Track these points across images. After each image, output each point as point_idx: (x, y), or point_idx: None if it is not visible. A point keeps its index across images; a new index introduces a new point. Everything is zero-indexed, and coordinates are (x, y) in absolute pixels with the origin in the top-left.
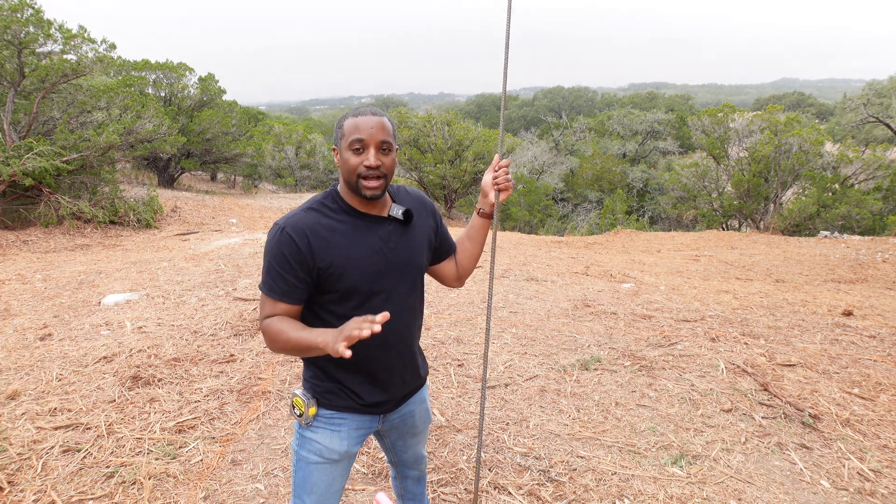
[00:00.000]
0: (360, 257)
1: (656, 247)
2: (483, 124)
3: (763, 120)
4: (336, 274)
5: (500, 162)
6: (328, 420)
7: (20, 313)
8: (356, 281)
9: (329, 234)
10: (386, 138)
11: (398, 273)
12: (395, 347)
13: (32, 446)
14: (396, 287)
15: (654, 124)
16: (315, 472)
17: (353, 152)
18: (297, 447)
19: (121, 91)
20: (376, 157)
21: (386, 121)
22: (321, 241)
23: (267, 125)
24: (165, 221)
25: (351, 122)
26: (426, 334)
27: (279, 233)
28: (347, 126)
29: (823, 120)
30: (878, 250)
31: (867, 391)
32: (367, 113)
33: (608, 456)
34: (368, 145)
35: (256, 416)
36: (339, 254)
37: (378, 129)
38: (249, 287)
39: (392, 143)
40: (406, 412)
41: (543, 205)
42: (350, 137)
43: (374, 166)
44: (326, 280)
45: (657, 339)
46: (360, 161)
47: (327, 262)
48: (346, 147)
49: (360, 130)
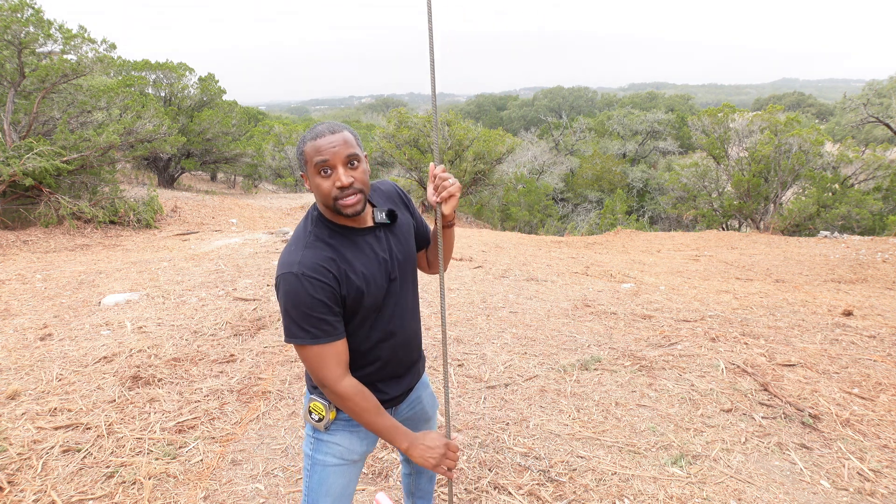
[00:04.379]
0: (372, 272)
1: (656, 247)
2: (483, 124)
3: (763, 120)
4: (359, 296)
5: (433, 171)
6: (347, 421)
7: (20, 313)
8: (376, 296)
9: (340, 261)
10: (351, 152)
11: (402, 273)
12: (412, 341)
13: (32, 446)
14: (403, 287)
15: (654, 124)
16: (332, 474)
17: (321, 177)
18: (312, 451)
19: (121, 91)
20: (347, 175)
21: (347, 133)
22: (339, 271)
23: (267, 125)
24: (165, 221)
25: (311, 145)
26: (426, 334)
27: (299, 279)
28: (309, 150)
29: (823, 120)
30: (878, 250)
31: (867, 391)
32: (326, 132)
33: (608, 456)
34: (335, 165)
35: (256, 416)
36: (357, 276)
37: (341, 146)
38: (249, 287)
39: (359, 153)
40: (414, 399)
41: (543, 205)
42: (314, 161)
43: (347, 185)
44: (351, 305)
45: (657, 339)
46: (331, 183)
47: (352, 288)
48: (314, 172)
49: (322, 152)
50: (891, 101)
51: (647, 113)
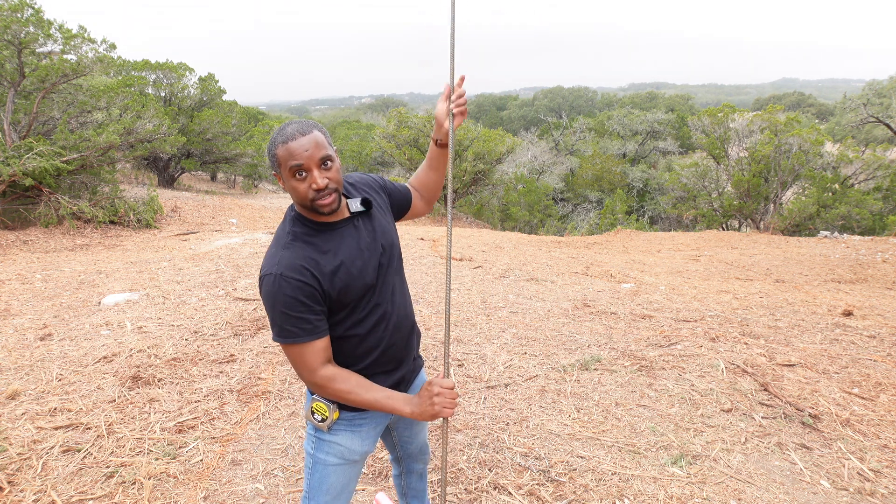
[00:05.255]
0: (355, 264)
1: (656, 247)
2: (483, 124)
3: (763, 120)
4: (345, 290)
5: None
6: (349, 422)
7: (20, 313)
8: (362, 286)
9: (321, 258)
10: (324, 153)
11: (387, 259)
12: (404, 324)
13: (32, 446)
14: (387, 272)
15: (654, 124)
16: (333, 473)
17: (296, 180)
18: (314, 450)
19: (121, 91)
20: (322, 176)
21: (317, 134)
22: (319, 269)
23: (267, 125)
24: (165, 221)
25: (283, 149)
26: (426, 334)
27: (277, 281)
28: (281, 154)
29: (823, 120)
30: (878, 250)
31: (867, 391)
32: (297, 134)
33: (608, 456)
34: (309, 168)
35: (256, 416)
36: (340, 271)
37: (314, 148)
38: (249, 287)
39: (331, 154)
40: None
41: (543, 205)
42: (288, 165)
43: (322, 188)
44: (337, 301)
45: (657, 339)
46: (307, 186)
47: (335, 284)
48: (288, 175)
49: (295, 156)
50: (891, 101)
51: (647, 113)
